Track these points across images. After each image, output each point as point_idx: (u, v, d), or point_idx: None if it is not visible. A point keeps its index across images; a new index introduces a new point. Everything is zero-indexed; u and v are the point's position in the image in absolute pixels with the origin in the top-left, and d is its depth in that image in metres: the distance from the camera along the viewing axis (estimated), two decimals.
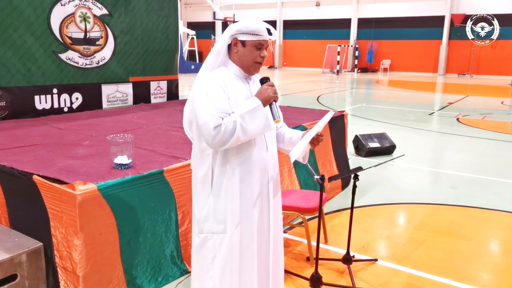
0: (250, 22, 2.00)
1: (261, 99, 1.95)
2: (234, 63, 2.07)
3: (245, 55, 2.02)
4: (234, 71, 2.07)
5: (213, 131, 1.87)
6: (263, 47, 2.02)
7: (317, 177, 2.78)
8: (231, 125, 1.87)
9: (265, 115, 1.95)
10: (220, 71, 2.05)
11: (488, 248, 3.76)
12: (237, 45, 2.02)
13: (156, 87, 6.40)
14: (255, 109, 1.92)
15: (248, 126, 1.90)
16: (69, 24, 5.15)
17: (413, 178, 5.61)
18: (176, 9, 6.57)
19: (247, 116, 1.90)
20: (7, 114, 4.72)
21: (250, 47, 2.01)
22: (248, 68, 2.06)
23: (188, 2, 31.54)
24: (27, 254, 2.60)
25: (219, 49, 2.05)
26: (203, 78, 2.01)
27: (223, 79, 2.01)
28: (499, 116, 10.72)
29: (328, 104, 12.36)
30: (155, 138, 3.87)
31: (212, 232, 2.08)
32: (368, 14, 26.86)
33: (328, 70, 26.57)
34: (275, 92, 1.99)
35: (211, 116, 1.88)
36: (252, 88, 2.10)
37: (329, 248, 3.60)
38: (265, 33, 1.99)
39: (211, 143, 1.92)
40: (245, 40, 2.00)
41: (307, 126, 4.39)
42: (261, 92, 1.98)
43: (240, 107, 1.94)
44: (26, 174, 2.73)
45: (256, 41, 2.00)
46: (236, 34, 2.01)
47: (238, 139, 1.90)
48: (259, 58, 2.03)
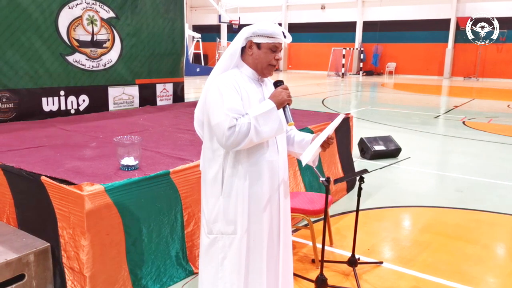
0: (266, 25, 2.02)
1: (275, 101, 1.97)
2: (248, 65, 2.09)
3: (260, 57, 2.04)
4: (247, 73, 2.09)
5: (228, 131, 1.88)
6: (277, 49, 2.05)
7: (322, 179, 2.79)
8: (245, 127, 1.89)
9: (279, 118, 1.97)
10: (233, 72, 2.06)
11: (494, 251, 3.74)
12: (252, 48, 2.04)
13: (162, 90, 6.44)
14: (269, 112, 1.94)
15: (262, 128, 1.91)
16: (76, 27, 5.20)
17: (418, 181, 5.60)
18: (182, 12, 6.61)
19: (261, 118, 1.91)
20: (15, 116, 4.77)
21: (265, 50, 2.03)
22: (262, 70, 2.08)
23: (194, 5, 31.67)
24: (35, 254, 2.62)
25: (234, 51, 2.07)
26: (217, 79, 2.03)
27: (236, 80, 2.02)
28: (505, 119, 10.67)
29: (333, 107, 12.36)
30: (161, 140, 3.89)
31: (222, 233, 2.08)
32: (373, 17, 26.86)
33: (333, 73, 26.58)
34: (289, 95, 2.01)
35: (225, 117, 1.89)
36: (264, 91, 2.12)
37: (334, 251, 3.60)
38: (280, 36, 2.02)
39: (225, 144, 1.92)
40: (261, 43, 2.02)
41: (313, 129, 4.40)
42: (276, 95, 2.00)
43: (254, 109, 1.95)
44: (34, 175, 2.76)
45: (272, 44, 2.02)
46: (252, 36, 2.03)
47: (251, 141, 1.91)
48: (273, 61, 2.06)
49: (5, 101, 4.68)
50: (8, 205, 3.04)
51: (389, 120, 10.13)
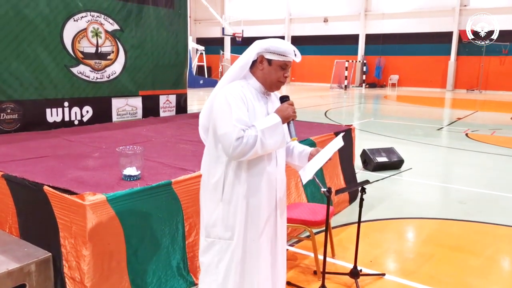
0: (279, 43, 2.07)
1: (281, 116, 2.03)
2: (256, 78, 2.13)
3: (270, 73, 2.09)
4: (255, 86, 2.13)
5: (235, 142, 1.92)
6: (287, 67, 2.10)
7: (324, 190, 2.79)
8: (252, 139, 1.94)
9: (283, 132, 2.03)
10: (240, 83, 2.10)
11: (498, 263, 3.71)
12: (263, 63, 2.09)
13: (165, 101, 6.48)
14: (275, 126, 1.99)
15: (267, 141, 1.97)
16: (81, 39, 5.26)
17: (421, 193, 5.58)
18: (186, 25, 6.69)
19: (267, 131, 1.96)
20: (19, 127, 4.81)
21: (276, 67, 2.08)
22: (271, 86, 2.13)
23: (198, 18, 31.97)
24: (36, 264, 2.63)
25: (245, 63, 2.11)
26: (224, 88, 2.06)
27: (243, 91, 2.06)
28: (508, 132, 10.65)
29: (336, 118, 12.37)
30: (163, 151, 3.91)
31: (220, 237, 2.13)
32: (376, 30, 27.02)
33: (336, 85, 26.65)
34: (294, 111, 2.07)
35: (233, 128, 1.93)
36: (269, 105, 2.16)
37: (336, 262, 3.58)
38: (292, 55, 2.08)
39: (231, 154, 1.96)
40: (272, 59, 2.07)
41: (315, 140, 4.41)
42: (282, 109, 2.05)
43: (261, 122, 2.00)
44: (37, 184, 2.77)
45: (282, 62, 2.07)
46: (264, 52, 2.07)
47: (256, 152, 1.96)
48: (282, 78, 2.10)
49: (9, 112, 4.73)
50: (11, 214, 3.05)
51: (392, 132, 10.13)
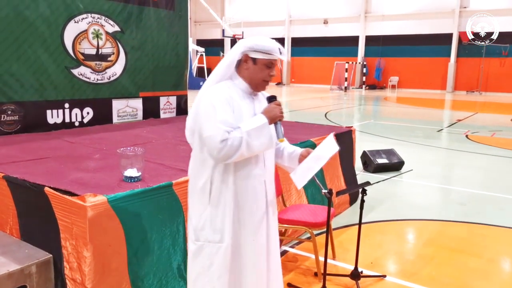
0: (263, 41, 2.02)
1: (268, 117, 1.99)
2: (242, 78, 2.09)
3: (256, 72, 2.04)
4: (241, 87, 2.09)
5: (220, 144, 1.89)
6: (273, 66, 2.06)
7: (324, 191, 2.79)
8: (237, 140, 1.90)
9: (270, 133, 1.99)
10: (226, 84, 2.07)
11: (498, 265, 3.71)
12: (248, 62, 2.04)
13: (166, 102, 6.49)
14: (261, 127, 1.95)
15: (253, 142, 1.93)
16: (82, 40, 5.27)
17: (421, 195, 5.58)
18: (186, 27, 6.69)
19: (253, 132, 1.93)
20: (20, 128, 4.80)
21: (261, 65, 2.03)
22: (256, 85, 2.09)
23: (198, 20, 32.01)
24: (37, 266, 2.62)
25: (230, 63, 2.07)
26: (209, 91, 2.03)
27: (229, 92, 2.03)
28: (508, 133, 10.65)
29: (336, 120, 12.38)
30: (164, 152, 3.91)
31: (209, 241, 2.09)
32: (376, 32, 27.03)
33: (336, 87, 26.67)
34: (281, 111, 2.03)
35: (217, 130, 1.90)
36: (256, 105, 2.12)
37: (337, 264, 3.58)
38: (277, 53, 2.02)
39: (216, 156, 1.94)
40: (257, 58, 2.02)
41: (316, 141, 4.41)
42: (269, 110, 2.01)
43: (246, 123, 1.96)
44: (37, 186, 2.77)
45: (267, 60, 2.03)
46: (248, 51, 2.02)
47: (242, 154, 1.93)
48: (268, 77, 2.06)
49: (10, 113, 4.73)
50: (11, 216, 3.05)
51: (392, 134, 10.13)
